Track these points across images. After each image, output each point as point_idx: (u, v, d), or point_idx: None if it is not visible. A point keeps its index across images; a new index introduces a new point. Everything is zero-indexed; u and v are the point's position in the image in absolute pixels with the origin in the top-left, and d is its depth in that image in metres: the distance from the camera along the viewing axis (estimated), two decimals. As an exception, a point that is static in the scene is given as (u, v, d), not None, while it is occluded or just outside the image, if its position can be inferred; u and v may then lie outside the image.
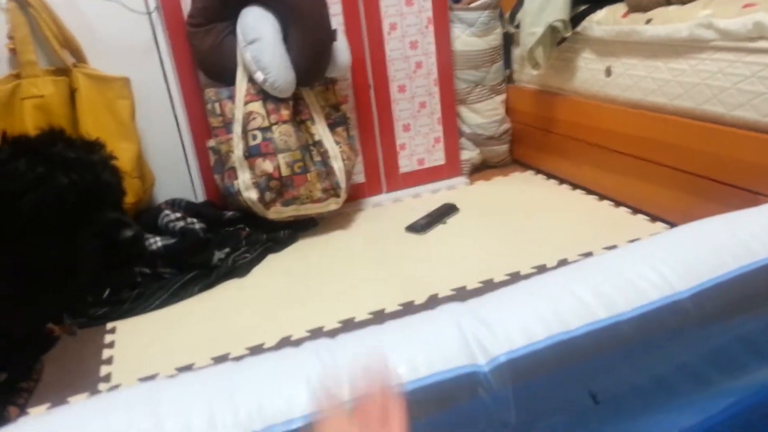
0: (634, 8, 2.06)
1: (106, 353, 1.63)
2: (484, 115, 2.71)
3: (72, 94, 1.98)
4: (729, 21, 1.67)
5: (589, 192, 2.39)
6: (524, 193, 2.52)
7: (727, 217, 0.92)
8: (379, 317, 1.64)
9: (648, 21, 1.95)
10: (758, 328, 0.78)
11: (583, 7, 2.26)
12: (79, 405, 0.71)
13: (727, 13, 1.69)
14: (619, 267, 0.82)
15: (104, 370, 1.56)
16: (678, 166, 1.93)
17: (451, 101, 2.61)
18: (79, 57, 2.02)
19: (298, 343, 0.81)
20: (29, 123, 1.89)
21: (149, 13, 2.09)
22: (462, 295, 1.73)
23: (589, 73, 2.26)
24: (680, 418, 0.76)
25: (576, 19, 2.25)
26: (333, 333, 1.41)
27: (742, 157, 1.70)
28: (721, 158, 1.77)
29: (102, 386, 1.49)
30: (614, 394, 0.72)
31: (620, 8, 2.12)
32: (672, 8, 1.92)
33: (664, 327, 0.75)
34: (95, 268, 1.07)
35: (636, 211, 2.16)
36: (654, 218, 2.07)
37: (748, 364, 0.78)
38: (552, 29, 2.27)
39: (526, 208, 2.33)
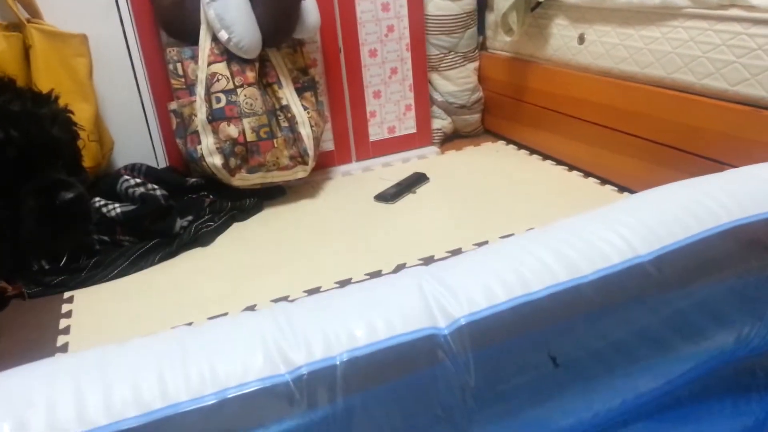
0: (608, -26, 2.02)
1: (63, 323, 1.58)
2: (456, 82, 2.66)
3: (26, 51, 1.89)
4: (703, -12, 1.65)
5: (559, 162, 2.38)
6: (495, 163, 2.50)
7: (692, 182, 0.91)
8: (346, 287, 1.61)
9: (622, -13, 1.92)
10: (719, 293, 0.78)
11: (557, -27, 2.22)
12: (23, 369, 0.68)
13: (701, -21, 1.67)
14: (582, 230, 0.80)
15: (61, 340, 1.51)
16: (647, 136, 1.92)
17: (423, 68, 2.56)
18: (34, 12, 1.92)
19: (260, 312, 0.78)
20: (-22, 80, 1.80)
21: (107, -32, 1.99)
22: (430, 264, 1.71)
23: (563, 41, 2.23)
24: (639, 383, 0.75)
25: (550, -15, 2.21)
26: (295, 300, 1.38)
27: (711, 126, 1.69)
28: (690, 128, 1.76)
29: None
30: (574, 357, 0.71)
31: (595, -26, 2.08)
32: (646, -26, 1.89)
33: (626, 290, 0.74)
34: (33, 229, 1.02)
35: (604, 181, 2.15)
36: (622, 188, 2.07)
37: (707, 329, 0.77)
38: (526, -6, 2.22)
39: (497, 179, 2.32)
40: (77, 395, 0.63)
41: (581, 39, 2.13)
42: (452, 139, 2.81)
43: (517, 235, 0.86)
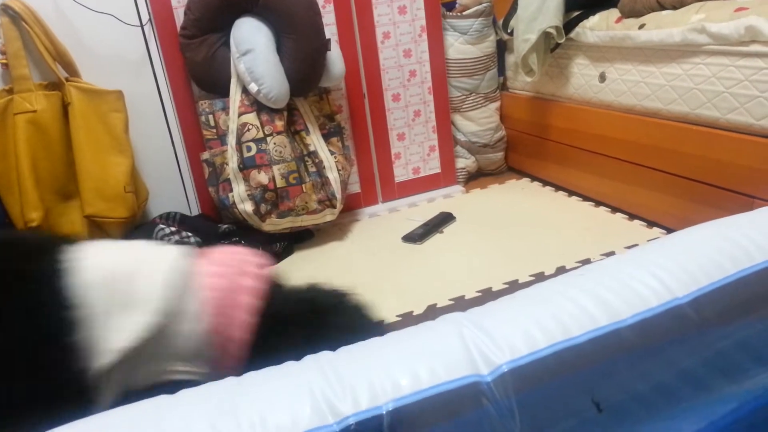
0: (627, 14, 2.06)
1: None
2: (478, 122, 2.70)
3: (65, 108, 1.97)
4: (721, 25, 1.68)
5: (585, 198, 2.39)
6: (520, 200, 2.52)
7: (724, 221, 0.92)
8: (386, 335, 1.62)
9: (641, 26, 1.95)
10: (758, 332, 0.78)
11: (576, 13, 2.27)
12: (76, 425, 0.70)
13: (720, 17, 1.70)
14: (619, 273, 0.81)
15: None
16: (674, 171, 1.93)
17: (445, 109, 2.61)
18: (72, 71, 2.01)
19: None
20: (21, 138, 1.88)
21: (142, 26, 2.08)
22: (460, 304, 1.72)
23: (584, 79, 2.26)
24: (683, 425, 0.75)
25: (569, 26, 2.26)
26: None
27: (737, 161, 1.70)
28: (717, 162, 1.76)
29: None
30: (617, 401, 0.71)
31: (613, 14, 2.13)
32: (665, 13, 1.92)
33: (665, 332, 0.74)
34: None
35: (633, 216, 2.15)
36: (651, 224, 2.07)
37: (748, 368, 0.77)
38: (545, 36, 2.27)
39: (523, 216, 2.33)
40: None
41: (602, 77, 2.17)
42: (477, 177, 2.84)
43: (554, 279, 0.87)
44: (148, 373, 0.88)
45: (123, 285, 0.85)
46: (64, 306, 0.82)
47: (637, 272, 0.80)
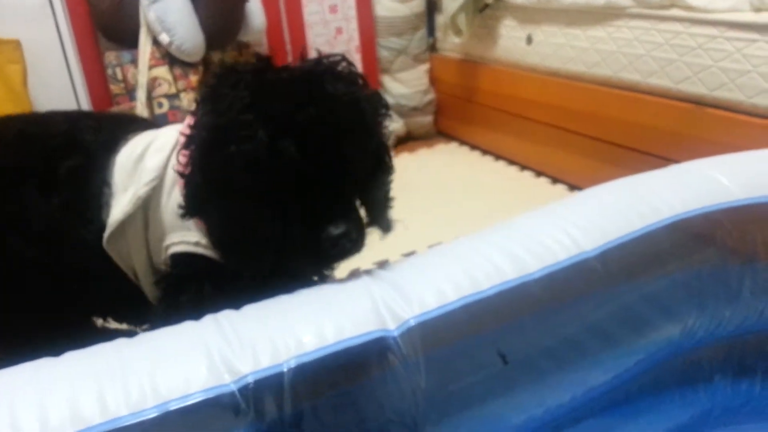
0: (553, -25, 2.05)
1: None
2: (408, 84, 2.66)
3: (-46, 57, 1.80)
4: (644, -13, 1.68)
5: (512, 163, 2.40)
6: (448, 165, 2.50)
7: (635, 179, 0.92)
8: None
9: (567, -12, 1.94)
10: (663, 286, 0.78)
11: (504, -26, 2.24)
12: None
13: (643, -21, 1.70)
14: (529, 228, 0.80)
15: None
16: (596, 135, 1.95)
17: (373, 70, 2.55)
18: (-38, 16, 1.83)
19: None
20: None
21: (41, -31, 1.92)
22: (384, 268, 1.69)
23: (511, 41, 2.25)
24: (589, 377, 0.75)
25: (498, -14, 2.23)
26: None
27: (657, 124, 1.73)
28: (637, 126, 1.79)
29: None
30: (524, 354, 0.70)
31: (541, -25, 2.11)
32: (590, -25, 1.92)
33: (572, 287, 0.73)
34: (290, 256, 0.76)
35: (555, 180, 2.17)
36: (573, 187, 2.10)
37: (654, 321, 0.78)
38: (474, -5, 2.24)
39: (450, 180, 2.32)
40: (11, 413, 0.58)
41: (529, 40, 2.15)
42: (406, 141, 2.80)
43: (467, 236, 0.85)
44: (147, 246, 0.90)
45: (133, 165, 0.89)
46: (106, 182, 0.89)
47: (547, 227, 0.79)
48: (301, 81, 0.75)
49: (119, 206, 0.88)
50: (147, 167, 0.87)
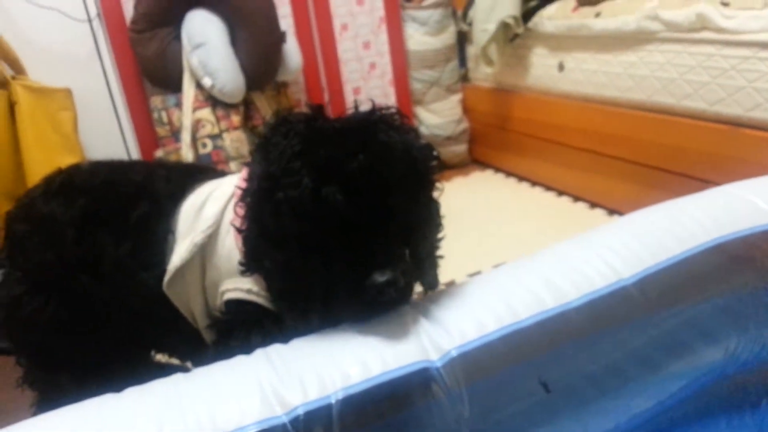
0: (583, 2, 2.07)
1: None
2: (441, 115, 2.70)
3: (11, 107, 1.90)
4: (673, 12, 1.69)
5: (548, 189, 2.40)
6: (484, 192, 2.51)
7: (671, 204, 0.92)
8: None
9: (597, 15, 1.96)
10: (704, 310, 0.78)
11: (533, 3, 2.27)
12: (16, 428, 0.67)
13: (672, 4, 1.71)
14: (568, 256, 0.81)
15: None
16: (633, 159, 1.94)
17: (407, 102, 2.59)
18: (18, 69, 1.94)
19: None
20: (-35, 138, 1.81)
21: (90, 21, 2.03)
22: (425, 299, 1.71)
23: (543, 69, 2.27)
24: (632, 403, 0.75)
25: (527, 15, 2.26)
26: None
27: (693, 146, 1.72)
28: (673, 148, 1.78)
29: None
30: (566, 382, 0.70)
31: (570, 3, 2.13)
32: (620, 1, 1.94)
33: (612, 313, 0.74)
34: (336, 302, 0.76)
35: (594, 205, 2.16)
36: (611, 212, 2.08)
37: (695, 346, 0.77)
38: (504, 26, 2.27)
39: (487, 208, 2.32)
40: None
41: (561, 67, 2.17)
42: (440, 170, 2.82)
43: (505, 265, 0.86)
44: (203, 292, 0.94)
45: (193, 215, 0.93)
46: (170, 229, 0.94)
47: (585, 255, 0.80)
48: (353, 129, 0.75)
49: (178, 253, 0.92)
50: (204, 216, 0.91)
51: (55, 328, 1.00)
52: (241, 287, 0.86)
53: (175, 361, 1.21)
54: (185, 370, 0.78)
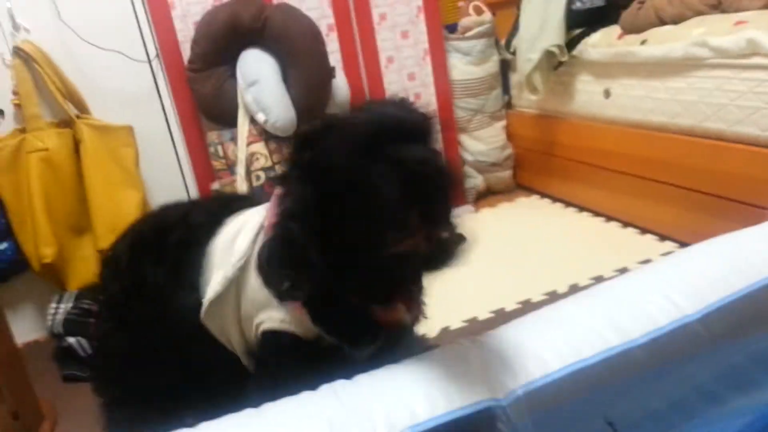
0: (628, 30, 2.08)
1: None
2: (485, 142, 2.72)
3: (76, 145, 2.00)
4: (722, 39, 1.69)
5: (596, 214, 2.38)
6: (530, 218, 2.51)
7: (732, 237, 0.92)
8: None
9: (643, 42, 1.96)
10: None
11: (578, 31, 2.28)
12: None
13: (720, 30, 1.71)
14: (629, 293, 0.82)
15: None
16: (683, 185, 1.92)
17: (451, 130, 2.62)
18: (82, 108, 2.05)
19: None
20: (34, 176, 1.91)
21: (150, 61, 2.12)
22: (473, 326, 1.72)
23: (588, 96, 2.27)
24: (699, 440, 0.75)
25: (571, 43, 2.28)
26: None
27: (746, 172, 1.69)
28: (725, 174, 1.76)
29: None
30: (631, 419, 0.71)
31: (615, 30, 2.14)
32: (666, 28, 1.94)
33: (676, 350, 0.75)
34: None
35: (644, 231, 2.14)
36: (663, 237, 2.06)
37: (760, 380, 0.77)
38: (548, 54, 2.29)
39: (534, 234, 2.32)
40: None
41: (607, 93, 2.17)
42: (486, 196, 2.84)
43: (564, 300, 0.88)
44: (239, 323, 0.96)
45: (227, 247, 0.96)
46: (199, 267, 0.97)
47: (646, 291, 0.80)
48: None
49: (212, 285, 0.95)
50: (236, 248, 0.94)
51: (131, 360, 1.07)
52: (274, 317, 0.89)
53: None
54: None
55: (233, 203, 1.06)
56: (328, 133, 0.77)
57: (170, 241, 1.01)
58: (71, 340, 1.80)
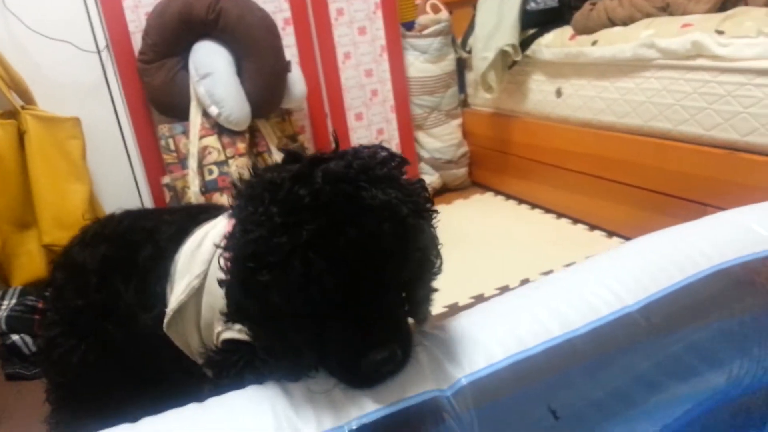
0: (580, 31, 2.12)
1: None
2: (441, 139, 2.74)
3: (21, 137, 1.94)
4: (669, 40, 1.74)
5: (548, 211, 2.43)
6: (485, 215, 2.55)
7: (672, 231, 0.95)
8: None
9: (594, 42, 2.01)
10: (707, 335, 0.80)
11: (531, 31, 2.32)
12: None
13: (668, 32, 1.76)
14: (572, 284, 0.83)
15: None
16: (630, 182, 1.98)
17: (408, 127, 2.64)
18: (28, 99, 1.98)
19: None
20: (-23, 168, 1.84)
21: (99, 52, 2.07)
22: (434, 327, 1.72)
23: (541, 95, 2.31)
24: (638, 428, 0.77)
25: (525, 43, 2.31)
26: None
27: (690, 170, 1.75)
28: (671, 172, 1.82)
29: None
30: (574, 408, 0.72)
31: (567, 31, 2.18)
32: (616, 29, 1.99)
33: (617, 340, 0.76)
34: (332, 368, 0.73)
35: (593, 227, 2.19)
36: (610, 234, 2.11)
37: (699, 370, 0.79)
38: (503, 53, 2.32)
39: (488, 230, 2.35)
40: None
41: (559, 93, 2.22)
42: (442, 193, 2.86)
43: (510, 292, 0.89)
44: (199, 331, 0.95)
45: (190, 255, 0.95)
46: (165, 279, 0.96)
47: (589, 283, 0.82)
48: (334, 192, 0.67)
49: (175, 295, 0.94)
50: (199, 258, 0.92)
51: (83, 369, 1.05)
52: (234, 327, 0.86)
53: None
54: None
55: (200, 215, 1.04)
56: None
57: (140, 260, 1.00)
58: (15, 337, 1.74)
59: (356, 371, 0.70)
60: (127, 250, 1.01)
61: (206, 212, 1.04)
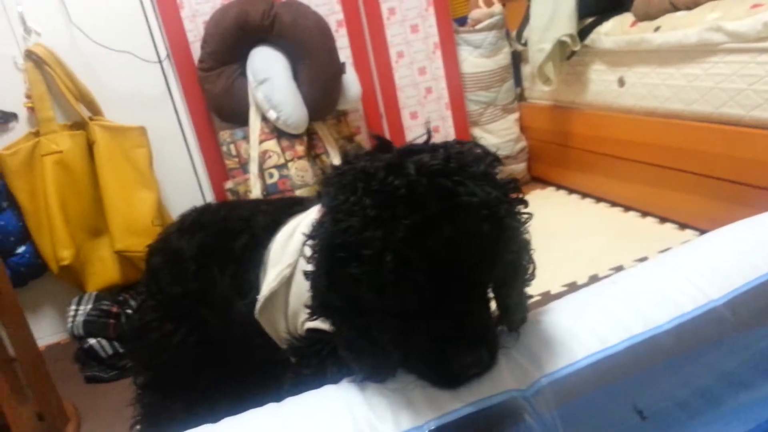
0: (641, 17, 2.05)
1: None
2: (498, 135, 2.70)
3: (90, 147, 2.02)
4: (738, 23, 1.66)
5: (614, 204, 2.35)
6: (547, 210, 2.49)
7: (754, 220, 0.90)
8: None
9: (656, 29, 1.94)
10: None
11: (590, 20, 2.26)
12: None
13: (736, 14, 1.68)
14: (652, 279, 0.80)
15: None
16: (701, 172, 1.89)
17: (464, 124, 2.61)
18: (95, 110, 2.06)
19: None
20: (49, 179, 1.93)
21: (161, 62, 2.13)
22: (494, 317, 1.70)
23: (602, 85, 2.25)
24: (728, 428, 0.73)
25: (584, 32, 2.25)
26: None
27: (764, 157, 1.66)
28: (744, 160, 1.73)
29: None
30: (659, 408, 0.69)
31: (627, 18, 2.12)
32: (679, 14, 1.91)
33: (702, 336, 0.73)
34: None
35: (663, 219, 2.12)
36: (683, 226, 2.03)
37: (791, 366, 0.75)
38: (560, 44, 2.26)
39: (551, 226, 2.30)
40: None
41: (621, 82, 2.15)
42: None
43: (587, 289, 0.86)
44: (286, 319, 0.97)
45: (282, 245, 0.97)
46: (260, 262, 0.99)
47: (670, 277, 0.79)
48: (431, 186, 0.64)
49: (267, 282, 0.96)
50: (290, 249, 0.95)
51: (179, 354, 1.09)
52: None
53: None
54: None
55: (295, 206, 1.06)
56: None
57: (236, 248, 1.03)
58: (92, 341, 1.82)
59: (443, 372, 0.69)
60: (225, 238, 1.04)
61: (300, 204, 1.06)
